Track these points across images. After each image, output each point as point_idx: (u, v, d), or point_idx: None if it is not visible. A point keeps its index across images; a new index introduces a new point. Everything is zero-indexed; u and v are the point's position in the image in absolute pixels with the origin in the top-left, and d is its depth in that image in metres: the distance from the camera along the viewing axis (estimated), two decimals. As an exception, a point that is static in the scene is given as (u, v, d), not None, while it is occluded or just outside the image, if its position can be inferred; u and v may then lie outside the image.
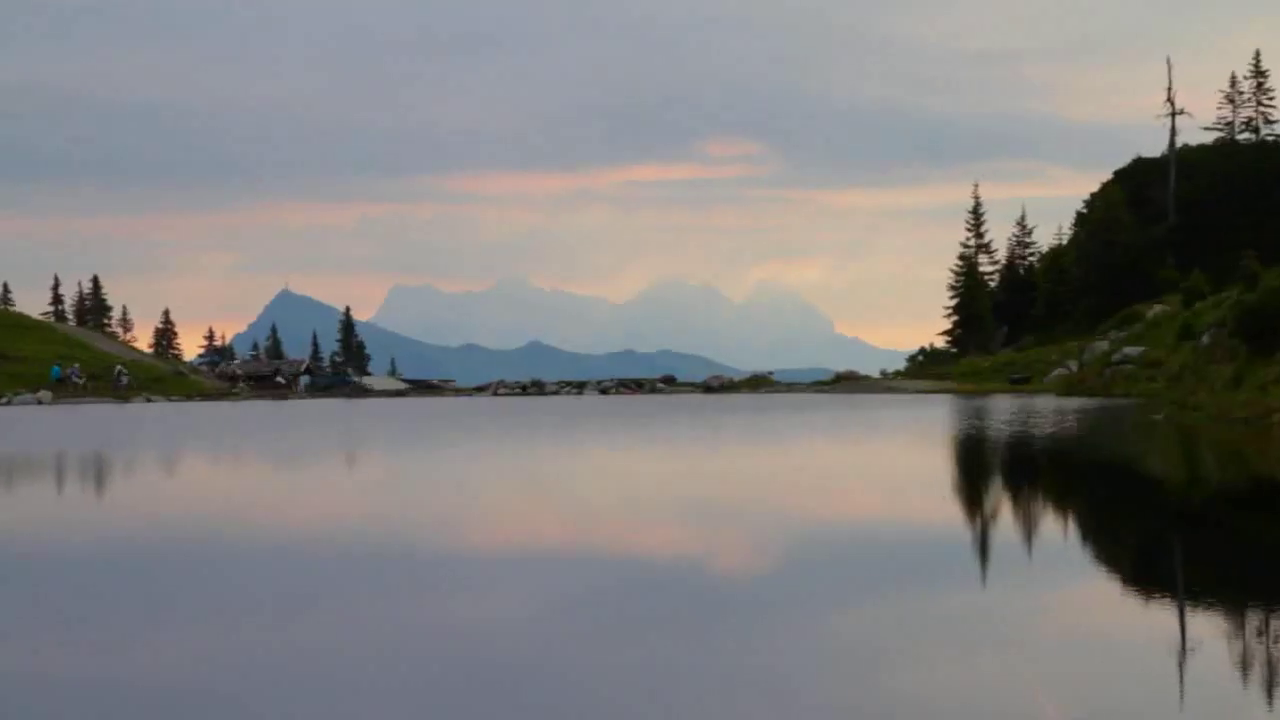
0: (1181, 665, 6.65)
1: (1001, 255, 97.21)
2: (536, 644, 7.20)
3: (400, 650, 7.00)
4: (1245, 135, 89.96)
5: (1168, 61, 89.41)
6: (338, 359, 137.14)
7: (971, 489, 16.67)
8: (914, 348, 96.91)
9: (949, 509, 13.99)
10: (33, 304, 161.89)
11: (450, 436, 30.23)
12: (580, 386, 74.45)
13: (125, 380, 75.91)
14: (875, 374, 79.68)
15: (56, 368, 77.20)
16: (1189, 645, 7.07)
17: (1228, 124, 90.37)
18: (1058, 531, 12.14)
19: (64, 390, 72.64)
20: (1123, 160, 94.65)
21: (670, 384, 75.93)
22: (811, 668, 6.67)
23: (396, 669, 6.63)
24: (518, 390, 73.08)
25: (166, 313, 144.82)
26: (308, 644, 7.31)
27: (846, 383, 71.99)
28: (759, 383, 74.63)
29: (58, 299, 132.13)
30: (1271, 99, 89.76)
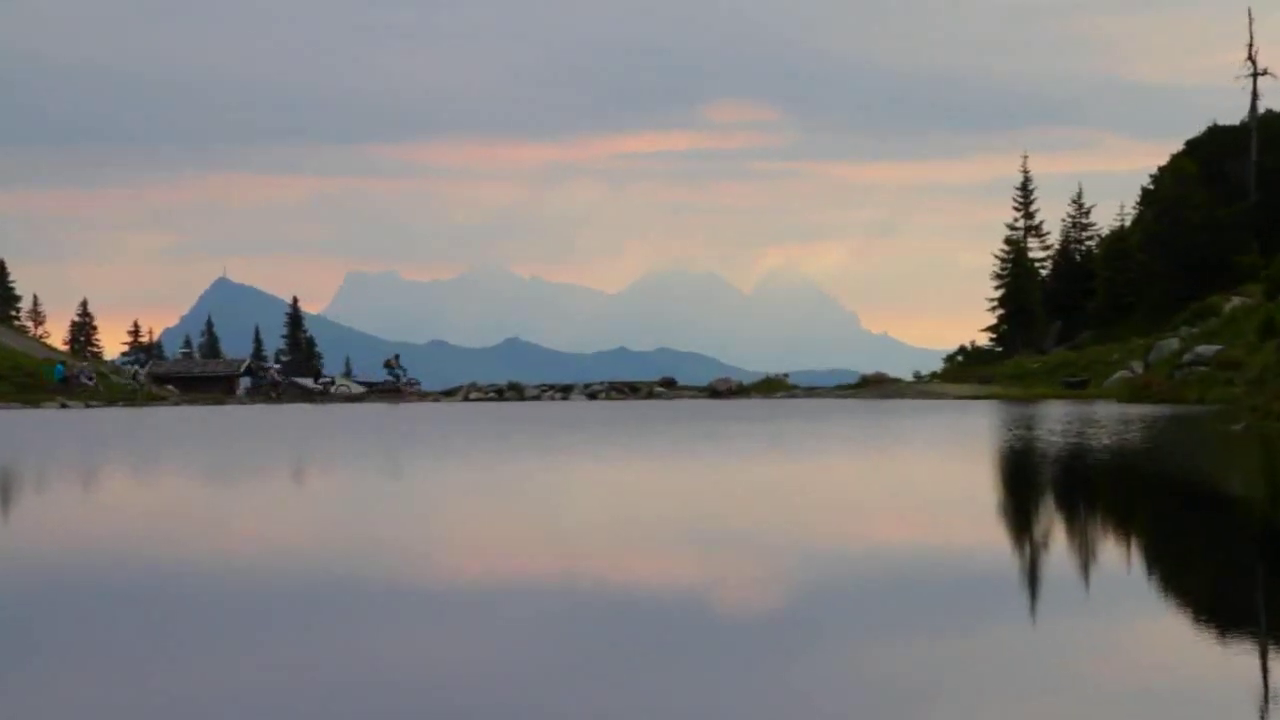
0: (1264, 716, 6.62)
1: (1054, 238, 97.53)
2: (512, 688, 7.17)
3: (352, 695, 6.96)
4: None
5: (1249, 13, 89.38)
6: (284, 357, 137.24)
7: (1019, 510, 16.67)
8: (952, 346, 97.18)
9: (993, 533, 13.98)
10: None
11: (412, 449, 30.21)
12: (565, 390, 74.49)
13: (92, 381, 76.35)
14: (907, 376, 79.72)
15: (60, 366, 77.32)
16: (1272, 693, 7.05)
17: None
18: (1120, 560, 12.14)
19: (70, 393, 72.46)
20: (1196, 128, 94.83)
21: (670, 387, 75.97)
22: (837, 717, 6.64)
23: (349, 715, 6.59)
24: (492, 394, 73.10)
25: (84, 304, 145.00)
26: (246, 689, 7.27)
27: (874, 387, 72.03)
28: (772, 386, 74.67)
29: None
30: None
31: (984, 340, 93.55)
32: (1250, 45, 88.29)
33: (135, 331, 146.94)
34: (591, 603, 9.87)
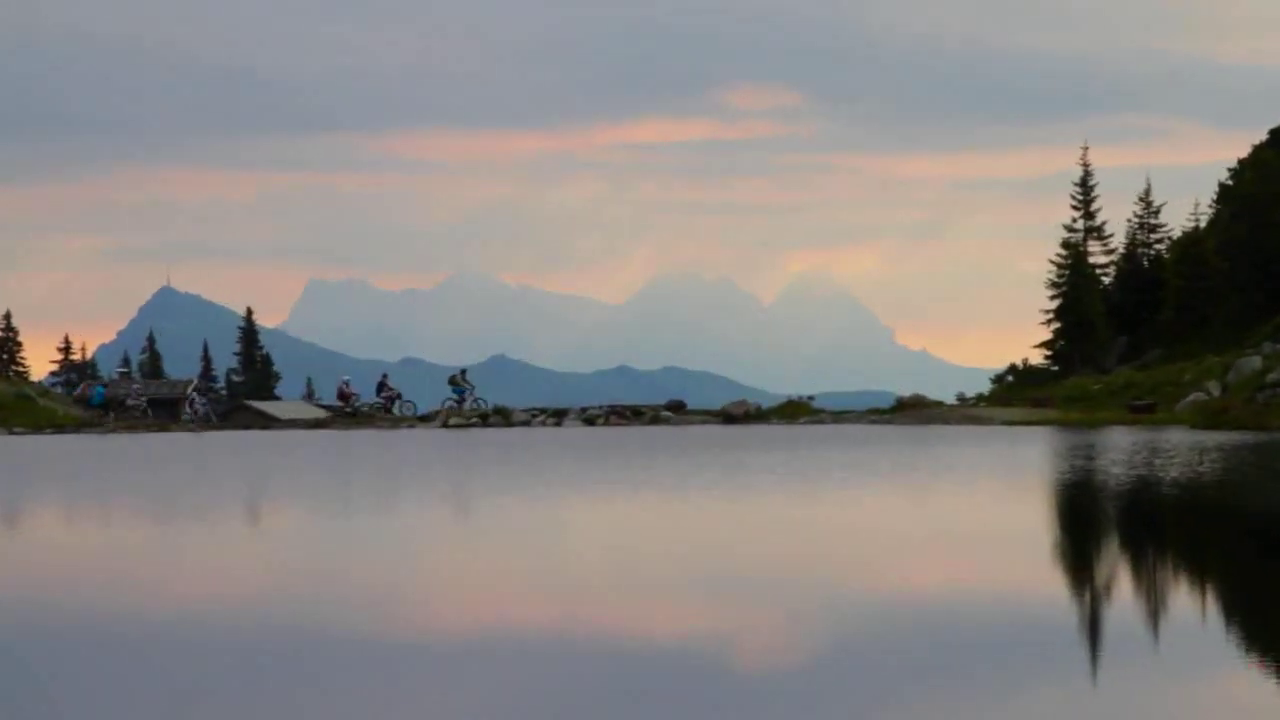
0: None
1: (1119, 241, 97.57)
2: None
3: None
4: None
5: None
6: (236, 378, 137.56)
7: (1078, 554, 16.67)
8: (1001, 365, 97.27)
9: (1048, 580, 13.98)
10: None
11: (384, 483, 30.21)
12: (559, 415, 74.49)
13: (141, 402, 76.94)
14: (949, 399, 79.76)
15: (101, 389, 78.07)
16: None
17: None
18: (1193, 612, 12.14)
19: (97, 421, 73.05)
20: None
21: (679, 411, 75.95)
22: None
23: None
24: (475, 420, 73.10)
25: (7, 316, 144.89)
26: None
27: (911, 411, 72.02)
28: (796, 410, 74.68)
29: None
30: None
31: (1038, 358, 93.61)
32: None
33: (66, 348, 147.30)
34: (590, 663, 9.88)
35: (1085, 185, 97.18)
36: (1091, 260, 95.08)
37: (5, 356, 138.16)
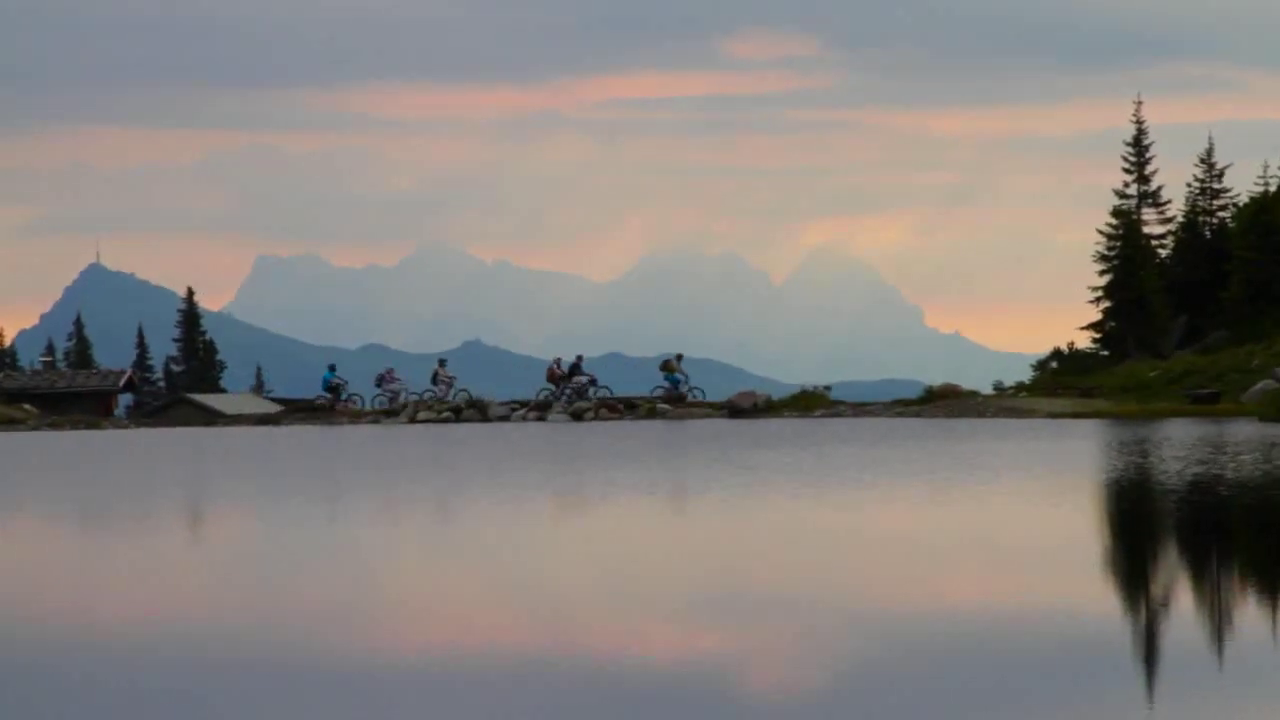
0: None
1: (1177, 209, 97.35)
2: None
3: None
4: None
5: None
6: (176, 368, 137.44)
7: (1132, 564, 16.69)
8: (1044, 349, 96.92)
9: (1099, 593, 14.00)
10: None
11: (344, 487, 30.25)
12: (542, 409, 74.56)
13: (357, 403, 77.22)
14: (985, 389, 79.72)
15: (329, 372, 78.61)
16: None
17: None
18: (1261, 628, 12.16)
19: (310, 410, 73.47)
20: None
21: (678, 404, 76.00)
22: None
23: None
24: (447, 414, 73.06)
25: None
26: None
27: (943, 402, 71.99)
28: (811, 402, 74.67)
29: None
30: None
31: (1085, 342, 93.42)
32: None
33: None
34: (586, 688, 9.91)
35: (1139, 144, 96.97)
36: (1146, 230, 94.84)
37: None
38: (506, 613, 13.26)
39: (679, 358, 78.94)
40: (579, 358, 78.67)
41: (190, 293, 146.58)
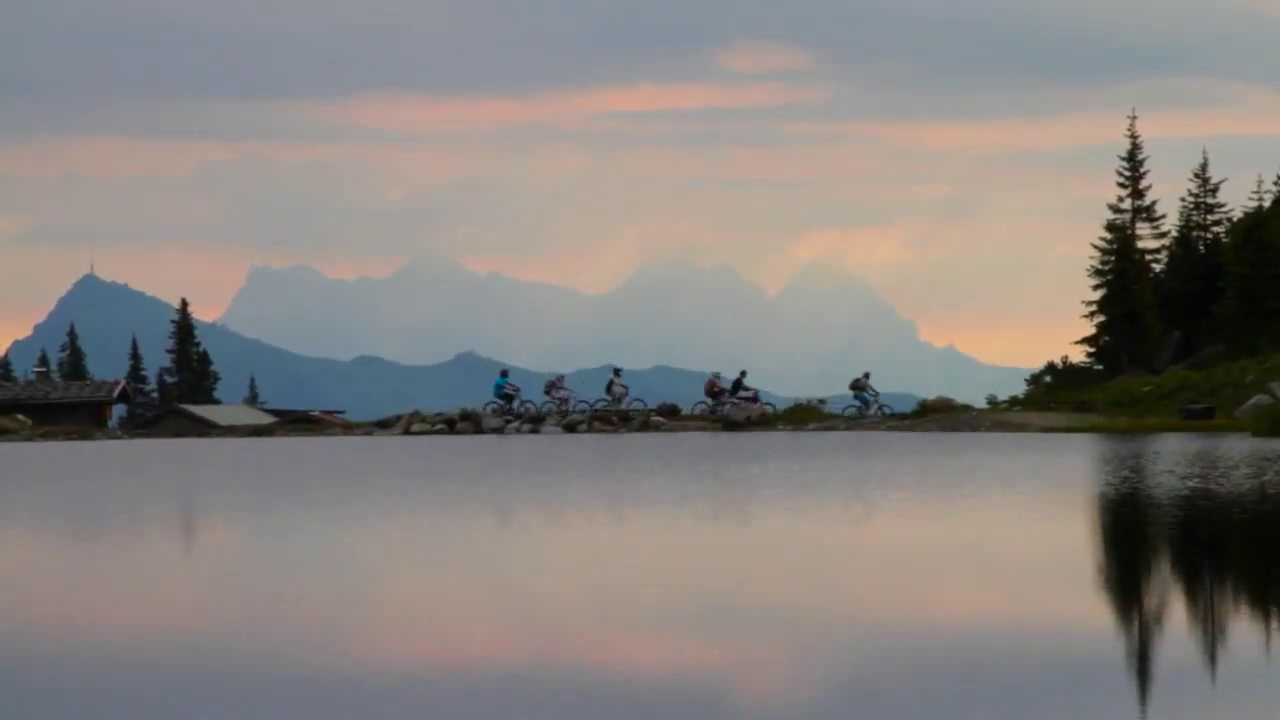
0: None
1: (1171, 223, 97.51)
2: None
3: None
4: None
5: None
6: (169, 378, 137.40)
7: (1125, 579, 16.69)
8: (1038, 364, 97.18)
9: (1093, 609, 14.00)
10: None
11: (336, 499, 30.23)
12: (535, 421, 74.57)
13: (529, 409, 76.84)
14: (979, 403, 79.84)
15: (501, 378, 77.84)
16: None
17: None
18: (1254, 644, 12.16)
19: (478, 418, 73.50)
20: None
21: (671, 416, 76.04)
22: None
23: None
24: (441, 426, 73.08)
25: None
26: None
27: (936, 416, 72.11)
28: (805, 415, 74.76)
29: None
30: None
31: (1079, 356, 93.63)
32: None
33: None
34: (570, 696, 9.90)
35: (1133, 159, 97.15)
36: (1140, 245, 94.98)
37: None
38: (495, 626, 13.24)
39: (867, 375, 78.76)
40: (742, 373, 79.05)
41: (184, 304, 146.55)
